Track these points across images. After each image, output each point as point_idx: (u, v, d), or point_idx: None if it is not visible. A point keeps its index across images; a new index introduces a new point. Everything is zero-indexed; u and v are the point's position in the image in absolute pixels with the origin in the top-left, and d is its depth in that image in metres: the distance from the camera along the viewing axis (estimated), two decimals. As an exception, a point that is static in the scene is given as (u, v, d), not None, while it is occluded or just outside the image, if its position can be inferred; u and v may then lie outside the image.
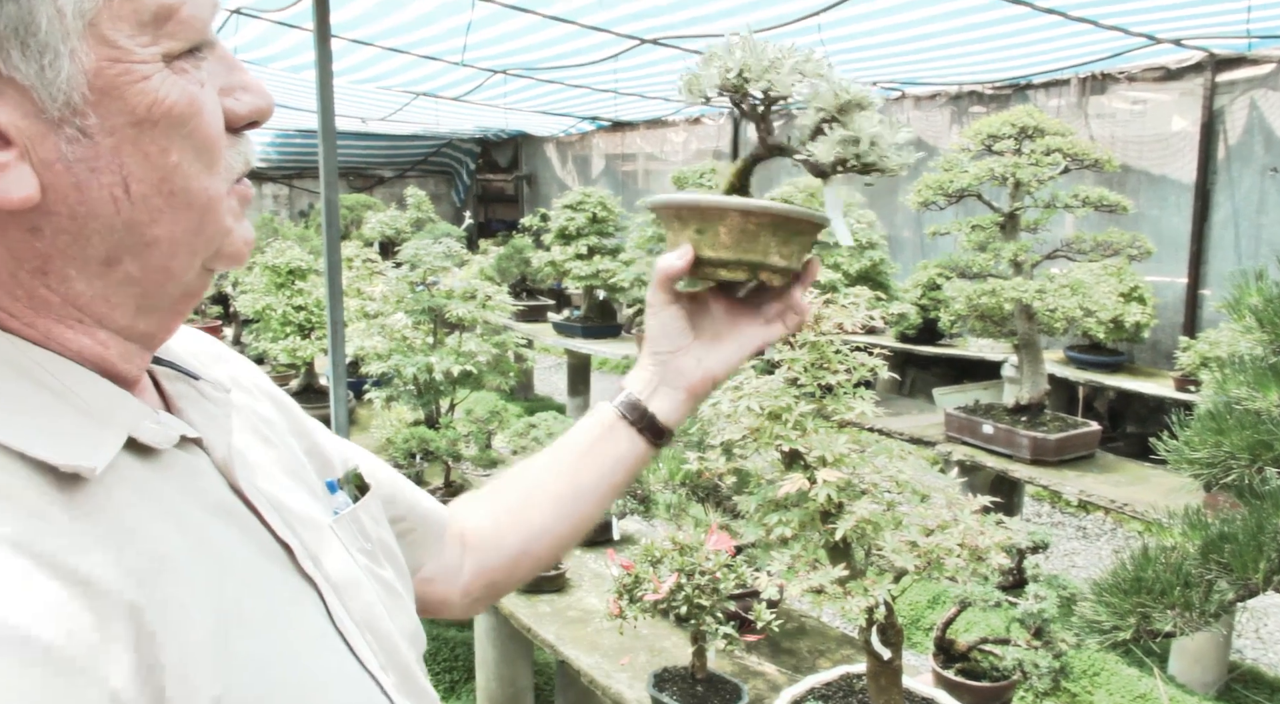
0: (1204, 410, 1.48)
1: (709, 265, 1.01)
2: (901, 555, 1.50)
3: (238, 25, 6.16)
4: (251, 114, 0.68)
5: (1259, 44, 5.46)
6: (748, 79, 0.99)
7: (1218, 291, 5.87)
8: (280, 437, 0.86)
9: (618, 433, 1.07)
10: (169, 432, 0.66)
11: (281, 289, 4.96)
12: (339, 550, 0.78)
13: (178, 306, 0.69)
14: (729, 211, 0.98)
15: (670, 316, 1.06)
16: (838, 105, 0.97)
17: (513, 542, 1.08)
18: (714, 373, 1.07)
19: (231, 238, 0.68)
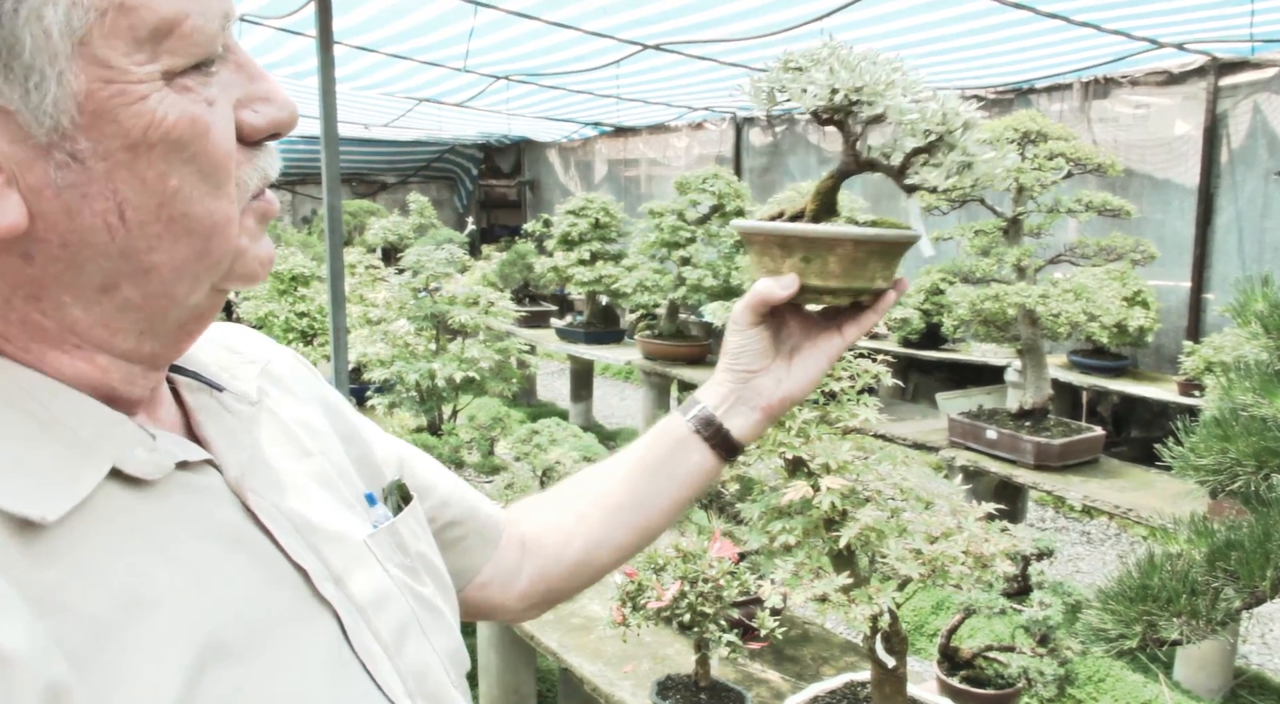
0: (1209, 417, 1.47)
1: (813, 293, 1.00)
2: (906, 563, 1.50)
3: (240, 32, 6.16)
4: (270, 127, 0.65)
5: (1262, 48, 5.46)
6: (858, 101, 0.97)
7: (1221, 296, 5.86)
8: (323, 444, 0.83)
9: (689, 447, 1.06)
10: (161, 460, 0.63)
11: (284, 295, 4.97)
12: (373, 567, 0.75)
13: (187, 328, 0.67)
14: (843, 242, 0.97)
15: (754, 337, 1.04)
16: (948, 128, 0.95)
17: (575, 550, 1.06)
18: (793, 393, 1.06)
19: (245, 259, 0.65)
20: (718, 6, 5.29)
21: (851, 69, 0.95)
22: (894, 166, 0.99)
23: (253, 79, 0.64)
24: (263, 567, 0.66)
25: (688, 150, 10.16)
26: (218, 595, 0.61)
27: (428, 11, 5.62)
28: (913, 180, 0.98)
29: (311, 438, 0.81)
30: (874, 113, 0.96)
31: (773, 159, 9.12)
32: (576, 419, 7.60)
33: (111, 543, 0.58)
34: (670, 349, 6.32)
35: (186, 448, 0.66)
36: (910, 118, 0.95)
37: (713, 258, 6.15)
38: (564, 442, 3.38)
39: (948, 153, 0.95)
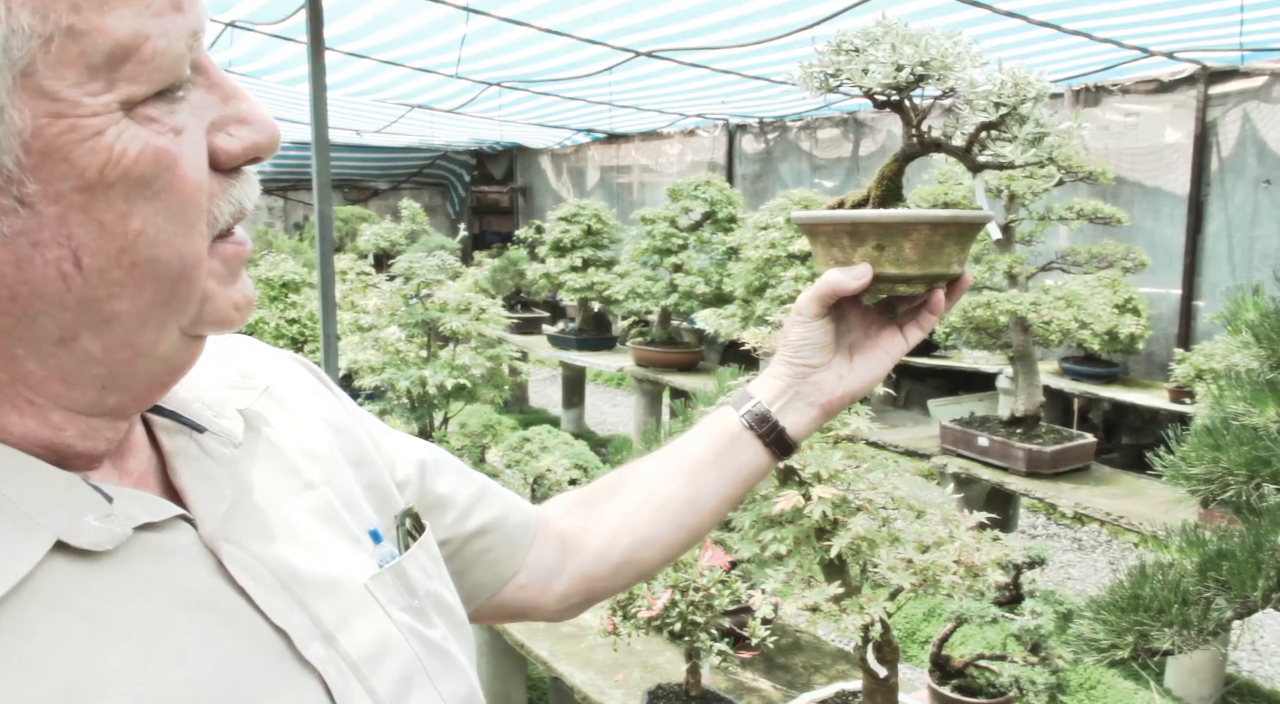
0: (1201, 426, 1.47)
1: (888, 282, 0.96)
2: (897, 573, 1.49)
3: (232, 38, 6.15)
4: (248, 152, 0.59)
5: (1251, 57, 5.48)
6: (925, 76, 0.92)
7: (1211, 303, 5.87)
8: (328, 472, 0.77)
9: (742, 444, 1.02)
10: (116, 527, 0.57)
11: (275, 302, 4.95)
12: (374, 613, 0.70)
13: (159, 380, 0.61)
14: (919, 225, 0.92)
15: (819, 330, 1.00)
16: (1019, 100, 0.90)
17: (620, 547, 1.02)
18: (854, 391, 1.03)
19: (214, 303, 0.59)
20: (710, 14, 5.29)
21: (916, 43, 0.92)
22: (959, 147, 0.96)
23: (228, 99, 0.59)
24: (235, 633, 0.61)
25: (680, 157, 10.17)
26: (177, 675, 0.56)
27: (420, 18, 5.62)
28: (984, 157, 0.94)
29: (315, 467, 0.76)
30: (945, 86, 0.92)
31: (765, 166, 9.13)
32: (568, 426, 7.58)
33: (54, 627, 0.53)
34: (662, 356, 6.32)
35: (150, 506, 0.61)
36: (983, 89, 0.91)
37: (705, 265, 6.15)
38: (555, 449, 3.37)
39: (1020, 125, 0.91)
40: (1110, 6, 4.70)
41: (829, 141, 8.46)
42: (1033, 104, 0.90)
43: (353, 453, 0.82)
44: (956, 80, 0.91)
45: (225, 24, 5.86)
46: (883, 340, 1.03)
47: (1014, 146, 0.91)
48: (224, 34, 6.04)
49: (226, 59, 6.62)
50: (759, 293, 5.20)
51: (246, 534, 0.65)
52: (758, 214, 5.39)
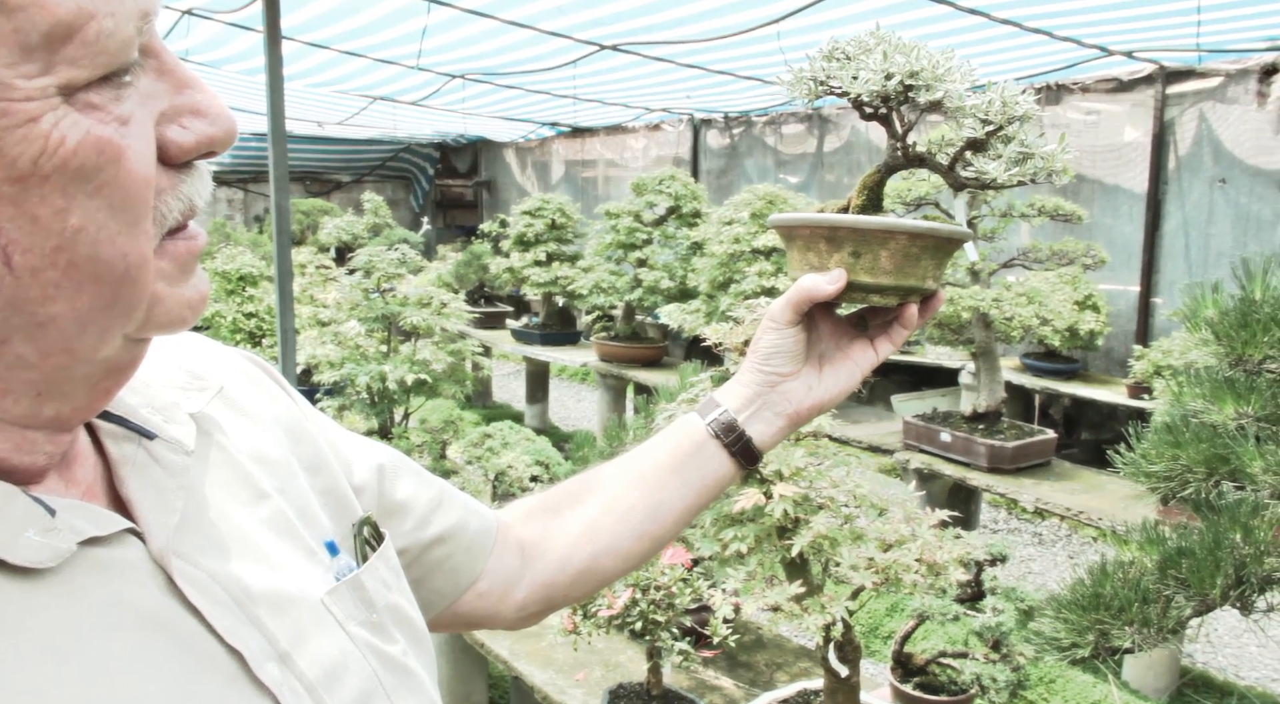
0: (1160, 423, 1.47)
1: (861, 291, 0.94)
2: (859, 572, 1.48)
3: (189, 26, 6.04)
4: (201, 145, 0.55)
5: (1208, 57, 5.55)
6: (914, 87, 0.91)
7: (1169, 300, 5.96)
8: (283, 480, 0.73)
9: (707, 452, 1.00)
10: (58, 543, 0.53)
11: (232, 295, 4.87)
12: (331, 630, 0.67)
13: (100, 386, 0.57)
14: (897, 234, 0.91)
15: (791, 338, 0.98)
16: (1007, 118, 0.89)
17: (581, 556, 0.99)
18: (823, 401, 1.01)
19: (163, 306, 0.55)
20: (675, 8, 5.27)
21: (907, 54, 0.91)
22: (943, 163, 0.94)
23: (181, 88, 0.54)
24: (185, 654, 0.57)
25: (645, 151, 10.15)
26: (124, 698, 0.53)
27: (380, 8, 5.54)
28: (967, 174, 0.93)
29: (269, 475, 0.72)
30: (932, 98, 0.90)
31: (730, 161, 9.13)
32: (532, 421, 7.54)
33: None
34: (626, 351, 6.29)
35: (96, 518, 0.57)
36: (970, 105, 0.90)
37: (669, 259, 6.13)
38: (516, 446, 3.34)
39: (1005, 144, 0.90)
40: (1070, 5, 4.74)
41: (794, 137, 8.47)
42: (1019, 124, 0.90)
43: (308, 458, 0.79)
44: (945, 93, 0.89)
45: (182, 11, 5.74)
46: (853, 352, 1.01)
47: (998, 165, 0.90)
48: (181, 21, 5.93)
49: (184, 48, 6.49)
50: (723, 288, 5.19)
51: (198, 548, 0.62)
52: (722, 209, 5.38)
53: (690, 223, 6.21)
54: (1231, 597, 1.25)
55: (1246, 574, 1.24)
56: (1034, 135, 0.90)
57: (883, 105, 0.94)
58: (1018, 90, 0.90)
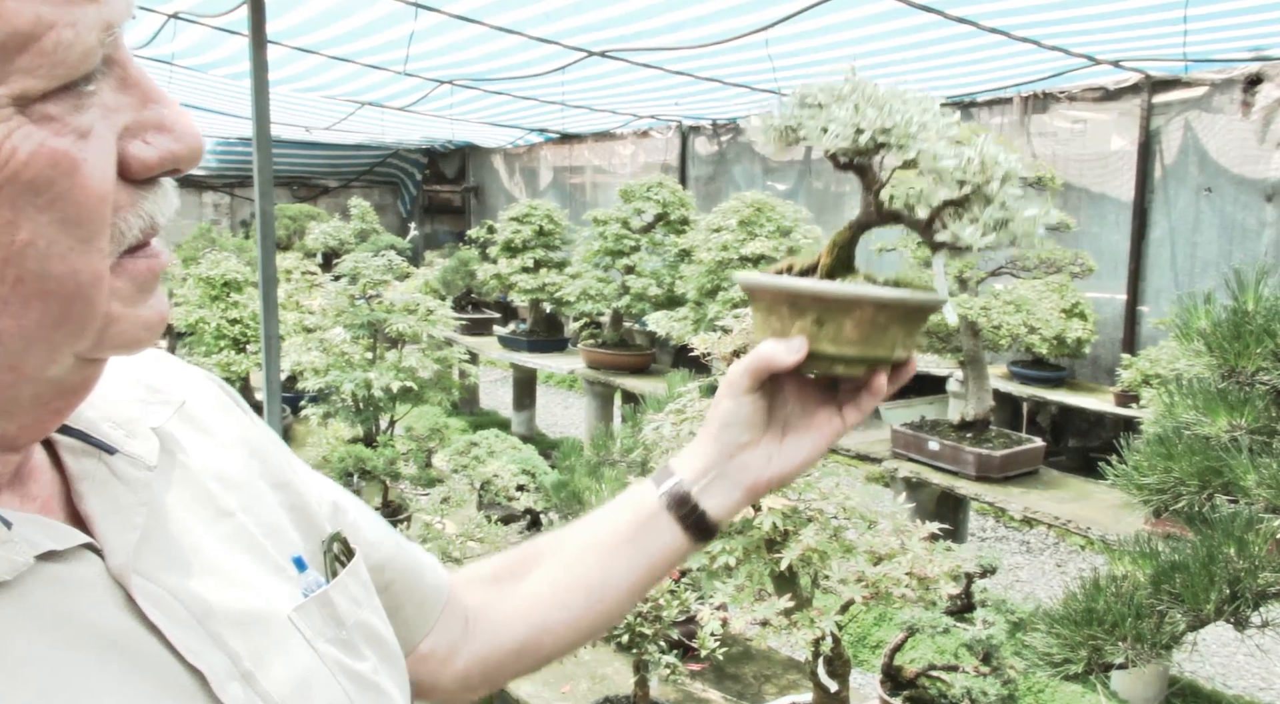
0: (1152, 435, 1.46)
1: (825, 361, 0.88)
2: (849, 585, 1.46)
3: (175, 31, 5.99)
4: (165, 162, 0.53)
5: (1194, 67, 5.58)
6: (884, 144, 0.85)
7: (1155, 308, 5.97)
8: (247, 498, 0.72)
9: (659, 524, 0.94)
10: (15, 555, 0.52)
11: (216, 301, 4.82)
12: (298, 648, 0.65)
13: (51, 406, 0.55)
14: (863, 304, 0.85)
15: (749, 405, 0.92)
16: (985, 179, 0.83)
17: (521, 629, 0.95)
18: (784, 473, 0.94)
19: (118, 327, 0.53)
20: (663, 15, 5.26)
21: (879, 107, 0.85)
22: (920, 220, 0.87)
23: (147, 102, 0.52)
24: (144, 675, 0.56)
25: (633, 158, 10.14)
26: None
27: (367, 14, 5.51)
28: (942, 236, 0.86)
29: (232, 492, 0.71)
30: (905, 157, 0.85)
31: (718, 168, 9.13)
32: (519, 428, 7.50)
33: None
34: (614, 358, 6.27)
35: (54, 532, 0.55)
36: (945, 165, 0.83)
37: (657, 267, 6.11)
38: (503, 453, 3.31)
39: (984, 206, 0.83)
40: (1058, 14, 4.76)
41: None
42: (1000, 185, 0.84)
43: (273, 475, 0.77)
44: (919, 152, 0.84)
45: (168, 16, 5.70)
46: (819, 420, 0.95)
47: (974, 230, 0.84)
48: (167, 26, 5.88)
49: (170, 52, 6.45)
50: (711, 295, 5.18)
51: (159, 566, 0.60)
52: (710, 216, 5.36)
53: (678, 230, 6.20)
54: (1226, 612, 1.23)
55: (1241, 589, 1.23)
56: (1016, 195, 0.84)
57: (855, 158, 0.89)
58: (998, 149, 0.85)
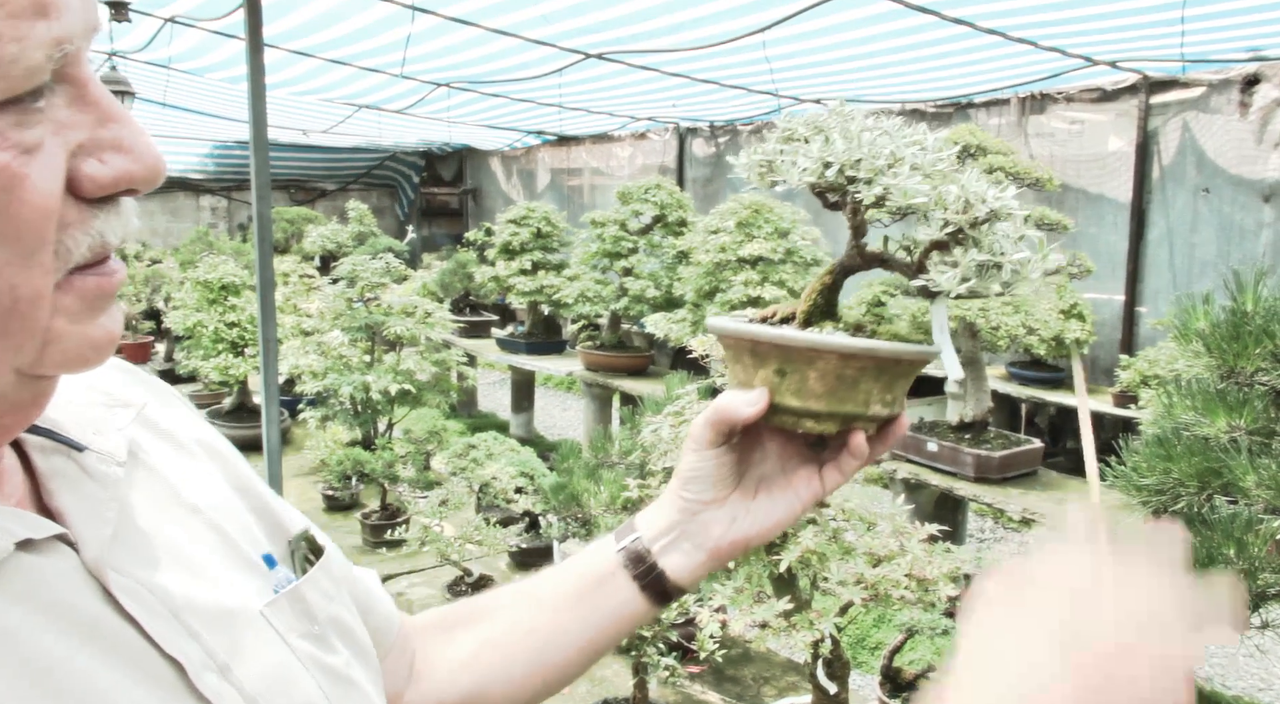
0: (1151, 436, 1.46)
1: (789, 414, 0.81)
2: (848, 587, 1.45)
3: (172, 34, 5.99)
4: (120, 182, 0.52)
5: (1191, 67, 5.58)
6: (854, 179, 0.79)
7: (1153, 309, 5.98)
8: (213, 498, 0.72)
9: (617, 583, 0.88)
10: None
11: (214, 305, 4.82)
12: (271, 643, 0.65)
13: (2, 421, 0.54)
14: (825, 354, 0.78)
15: (713, 460, 0.86)
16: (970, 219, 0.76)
17: (464, 683, 0.90)
18: (747, 538, 0.87)
19: (61, 346, 0.52)
20: (660, 18, 5.27)
21: (850, 139, 0.79)
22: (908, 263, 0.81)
23: (105, 121, 0.52)
24: (122, 664, 0.55)
25: (631, 160, 10.14)
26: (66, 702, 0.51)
27: (364, 17, 5.51)
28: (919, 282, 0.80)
29: (198, 492, 0.70)
30: (873, 194, 0.78)
31: (716, 169, 9.13)
32: (518, 430, 7.50)
33: None
34: (612, 360, 6.27)
35: (30, 523, 0.55)
36: (918, 202, 0.77)
37: (655, 268, 6.11)
38: (501, 456, 3.31)
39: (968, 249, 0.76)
40: (1055, 16, 4.76)
41: (779, 146, 8.47)
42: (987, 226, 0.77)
43: (234, 479, 0.77)
44: (886, 187, 0.77)
45: (165, 20, 5.70)
46: (797, 480, 0.88)
47: (952, 276, 0.76)
48: (164, 29, 5.88)
49: (167, 56, 6.45)
50: (709, 297, 5.17)
51: (130, 561, 0.60)
52: (708, 218, 5.36)
53: (676, 232, 6.20)
54: (1225, 613, 1.23)
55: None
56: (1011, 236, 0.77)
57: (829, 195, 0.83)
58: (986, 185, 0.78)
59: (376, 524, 3.72)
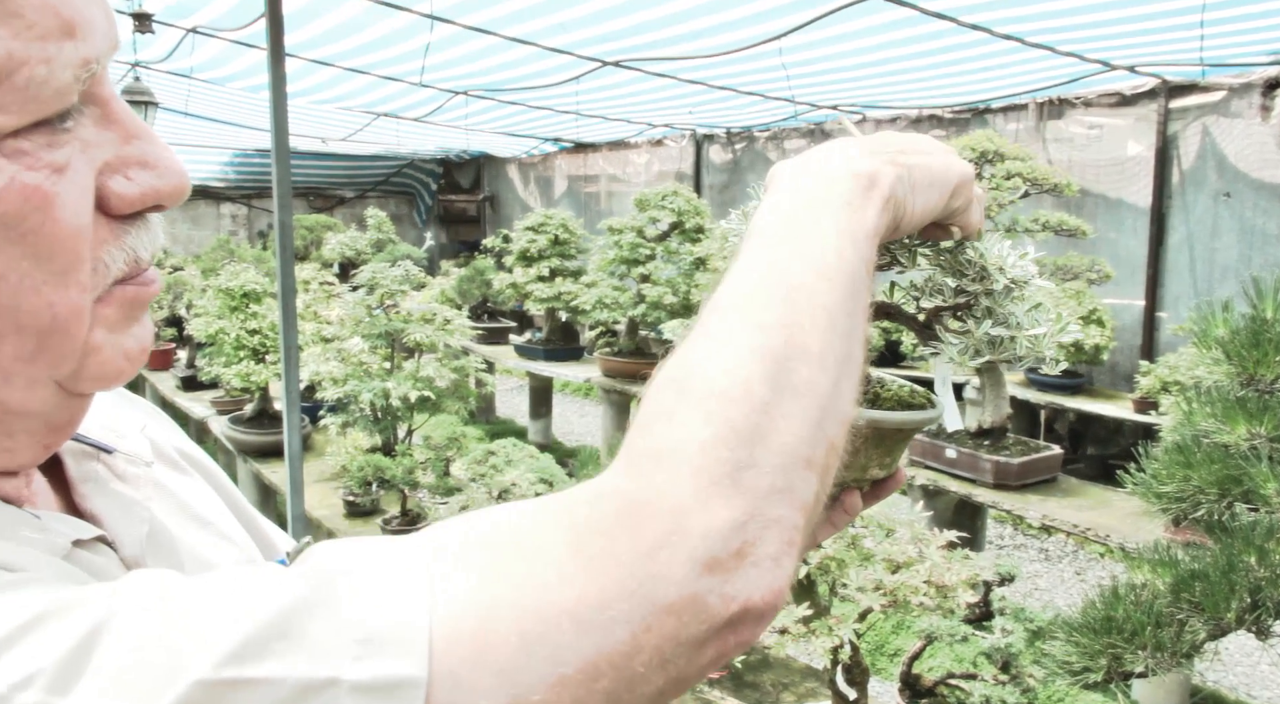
0: (1171, 443, 1.45)
1: None
2: (867, 594, 1.46)
3: (194, 45, 6.06)
4: (147, 198, 0.53)
5: (1211, 72, 5.55)
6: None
7: (1174, 315, 5.94)
8: (217, 513, 0.74)
9: None
10: (55, 540, 0.53)
11: (235, 312, 4.86)
12: None
13: (41, 441, 0.55)
14: None
15: None
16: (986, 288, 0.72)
17: None
18: None
19: (99, 357, 0.53)
20: (677, 25, 5.28)
21: None
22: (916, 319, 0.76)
23: (129, 138, 0.53)
24: None
25: (648, 166, 10.16)
26: None
27: (383, 26, 5.56)
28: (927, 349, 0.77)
29: (203, 506, 0.72)
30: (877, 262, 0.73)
31: (733, 175, 9.14)
32: (535, 436, 7.52)
33: None
34: (630, 366, 6.28)
35: (76, 526, 0.57)
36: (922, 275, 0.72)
37: (672, 275, 6.12)
38: (520, 462, 3.32)
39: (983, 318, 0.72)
40: (1073, 21, 4.74)
41: (797, 152, 8.46)
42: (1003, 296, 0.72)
43: (225, 495, 0.79)
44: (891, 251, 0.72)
45: (186, 30, 5.76)
46: None
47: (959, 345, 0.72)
48: (185, 40, 5.95)
49: (188, 66, 6.52)
50: (727, 304, 5.17)
51: (166, 562, 0.62)
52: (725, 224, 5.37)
53: (693, 238, 6.21)
54: (1247, 621, 1.23)
55: (1262, 598, 1.22)
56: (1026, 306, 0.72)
57: None
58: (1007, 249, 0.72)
59: (397, 530, 3.75)
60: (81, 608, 0.41)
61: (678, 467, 0.48)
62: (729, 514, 0.47)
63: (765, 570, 0.48)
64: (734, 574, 0.47)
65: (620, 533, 0.45)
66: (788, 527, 0.49)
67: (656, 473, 0.48)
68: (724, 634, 0.47)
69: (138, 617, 0.41)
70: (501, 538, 0.47)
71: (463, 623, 0.43)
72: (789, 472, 0.49)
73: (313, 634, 0.41)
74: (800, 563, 0.55)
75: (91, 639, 0.40)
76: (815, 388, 0.52)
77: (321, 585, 0.43)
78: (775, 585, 0.48)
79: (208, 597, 0.42)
